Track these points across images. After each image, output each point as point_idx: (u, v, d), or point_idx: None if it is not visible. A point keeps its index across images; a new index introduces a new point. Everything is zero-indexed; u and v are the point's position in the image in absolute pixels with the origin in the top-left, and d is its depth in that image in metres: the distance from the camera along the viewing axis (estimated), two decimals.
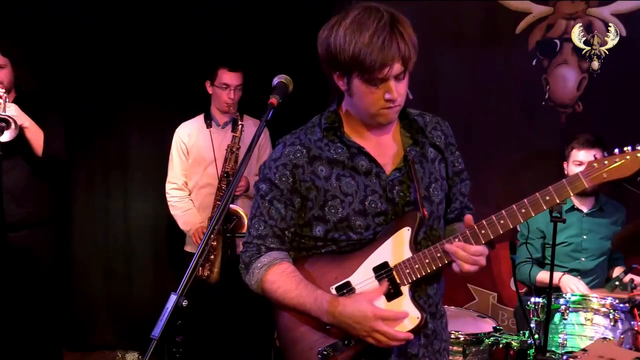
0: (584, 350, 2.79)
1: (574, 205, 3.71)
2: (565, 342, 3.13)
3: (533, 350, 3.06)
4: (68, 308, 4.61)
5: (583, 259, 3.67)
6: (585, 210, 3.72)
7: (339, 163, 1.88)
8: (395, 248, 1.84)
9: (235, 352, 4.01)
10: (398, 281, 1.85)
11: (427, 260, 1.84)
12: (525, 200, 1.81)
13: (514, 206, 1.81)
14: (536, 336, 3.10)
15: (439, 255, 1.84)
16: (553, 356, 3.04)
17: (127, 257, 4.76)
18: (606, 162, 1.81)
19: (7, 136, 3.44)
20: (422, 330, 1.86)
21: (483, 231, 1.81)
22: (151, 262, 4.76)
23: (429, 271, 1.84)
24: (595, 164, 1.82)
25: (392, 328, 1.77)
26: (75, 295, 4.73)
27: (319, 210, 1.88)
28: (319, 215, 1.88)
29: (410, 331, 1.81)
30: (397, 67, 1.74)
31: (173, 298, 1.57)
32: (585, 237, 3.68)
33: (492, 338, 3.12)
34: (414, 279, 1.84)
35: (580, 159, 3.56)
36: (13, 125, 3.44)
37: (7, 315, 3.61)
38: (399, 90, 1.79)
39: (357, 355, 1.84)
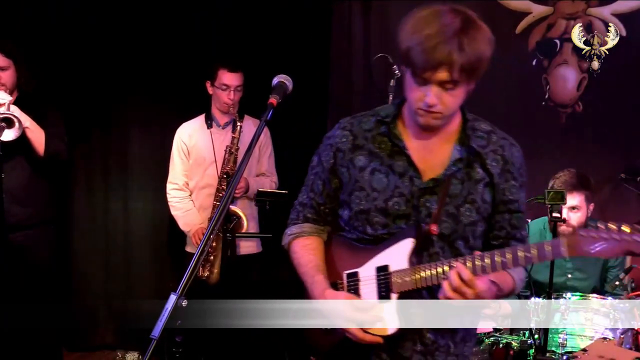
0: (584, 350, 2.79)
1: None
2: (565, 342, 3.13)
3: (533, 350, 3.06)
4: (68, 308, 4.60)
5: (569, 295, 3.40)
6: None
7: (378, 157, 1.90)
8: (398, 255, 1.86)
9: (247, 353, 4.01)
10: (391, 287, 1.86)
11: (418, 276, 1.82)
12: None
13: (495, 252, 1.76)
14: (536, 336, 3.10)
15: (433, 272, 1.80)
16: (553, 356, 3.04)
17: (127, 257, 4.76)
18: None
19: (11, 135, 3.44)
20: (393, 338, 1.85)
21: (478, 262, 1.75)
22: (151, 262, 4.75)
23: (418, 287, 1.82)
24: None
25: (360, 331, 1.81)
26: (75, 295, 4.73)
27: (347, 196, 1.94)
28: (345, 200, 1.95)
29: (384, 337, 1.82)
30: (442, 75, 1.70)
31: (173, 298, 1.57)
32: (570, 275, 3.56)
33: (492, 338, 3.12)
34: (403, 290, 1.84)
35: None
36: (17, 124, 3.44)
37: (7, 315, 3.61)
38: (442, 99, 1.74)
39: (343, 342, 1.88)
